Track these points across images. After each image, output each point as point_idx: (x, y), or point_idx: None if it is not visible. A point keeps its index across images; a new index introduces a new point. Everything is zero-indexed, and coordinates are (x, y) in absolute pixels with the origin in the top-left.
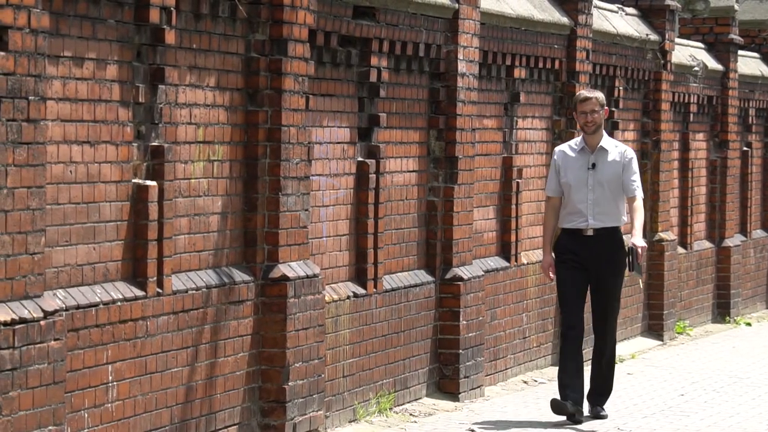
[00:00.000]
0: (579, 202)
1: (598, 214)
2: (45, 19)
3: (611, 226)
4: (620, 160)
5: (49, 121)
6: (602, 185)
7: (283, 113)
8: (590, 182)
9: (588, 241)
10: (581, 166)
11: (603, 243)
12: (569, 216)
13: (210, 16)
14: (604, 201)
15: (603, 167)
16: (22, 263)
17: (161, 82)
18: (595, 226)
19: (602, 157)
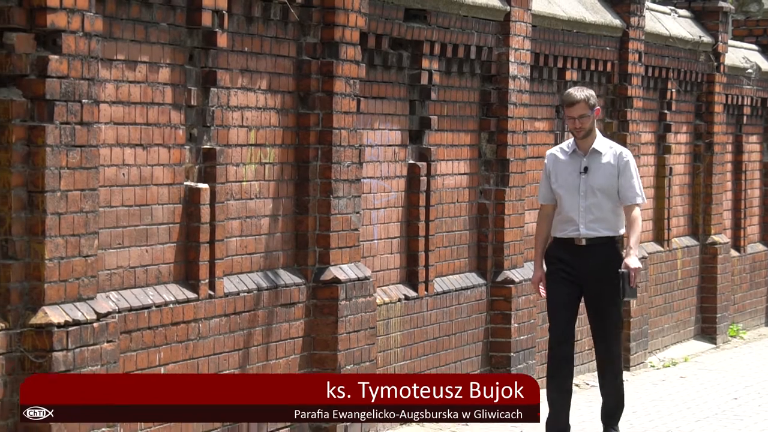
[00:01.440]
0: (570, 210)
1: (591, 222)
2: (98, 22)
3: (606, 236)
4: (615, 163)
5: (102, 124)
6: (595, 191)
7: (334, 116)
8: (582, 188)
9: (580, 252)
10: (573, 170)
11: (597, 255)
12: (561, 224)
13: (262, 19)
14: (597, 208)
15: (596, 171)
16: (76, 266)
17: (213, 85)
18: (588, 235)
19: (595, 161)
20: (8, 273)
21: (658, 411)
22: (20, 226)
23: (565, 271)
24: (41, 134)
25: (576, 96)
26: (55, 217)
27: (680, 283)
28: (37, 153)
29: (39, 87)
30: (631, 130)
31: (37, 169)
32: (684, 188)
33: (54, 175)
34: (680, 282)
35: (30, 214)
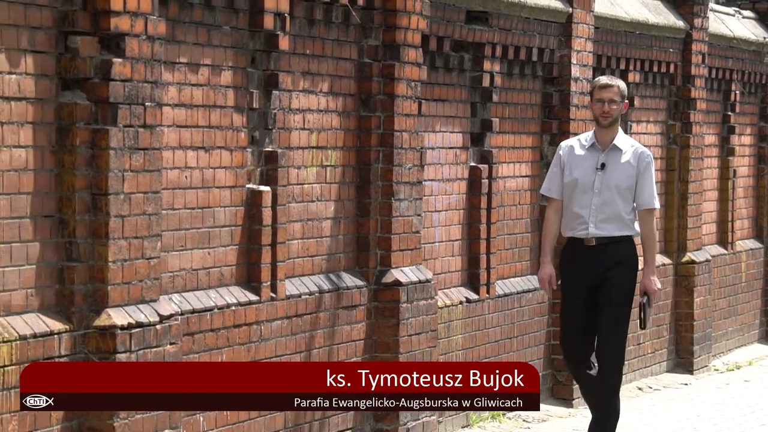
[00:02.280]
0: (581, 207)
1: (602, 222)
2: (161, 25)
3: (618, 236)
4: (635, 163)
5: (165, 127)
6: (611, 189)
7: (395, 118)
8: (597, 185)
9: (589, 253)
10: (589, 165)
11: (608, 255)
12: (570, 222)
13: (323, 22)
14: (610, 207)
15: (614, 169)
16: (139, 268)
17: (275, 88)
18: (597, 234)
19: (614, 157)
20: (72, 275)
21: (722, 415)
22: (84, 228)
23: (577, 275)
24: (105, 137)
25: (610, 80)
26: (118, 219)
27: (744, 286)
28: (101, 156)
29: (103, 90)
30: (695, 132)
31: (101, 172)
32: (748, 190)
33: (117, 177)
34: (744, 285)
35: (93, 216)
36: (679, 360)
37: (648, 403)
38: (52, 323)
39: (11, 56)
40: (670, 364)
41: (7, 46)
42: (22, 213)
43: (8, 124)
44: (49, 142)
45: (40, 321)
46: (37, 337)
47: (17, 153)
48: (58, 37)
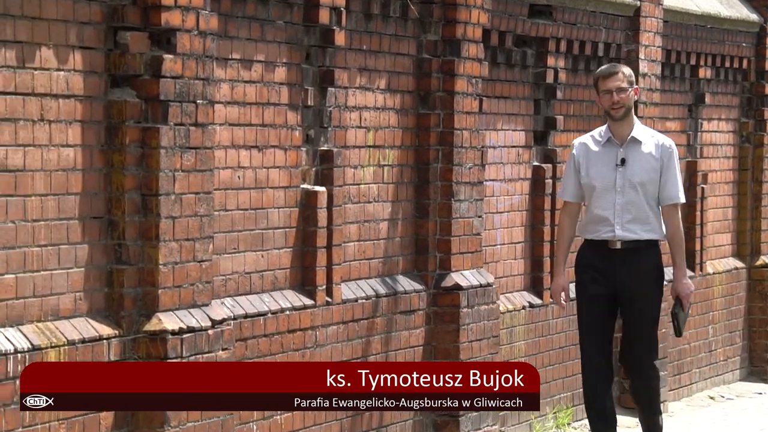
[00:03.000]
0: (604, 208)
1: (629, 223)
2: (213, 20)
3: (646, 239)
4: (658, 155)
5: (217, 125)
6: (634, 186)
7: (455, 116)
8: (619, 182)
9: (615, 257)
10: (607, 162)
11: (635, 260)
12: (592, 225)
13: (381, 17)
14: (636, 206)
15: (636, 163)
16: (190, 271)
17: (331, 85)
18: (625, 237)
19: (634, 151)
20: (122, 278)
21: None
22: (134, 230)
23: (597, 281)
24: (155, 136)
25: (613, 67)
26: (169, 220)
27: None
28: (151, 155)
29: (153, 87)
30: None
31: (151, 172)
32: None
33: (168, 177)
34: None
35: (144, 217)
36: (753, 368)
37: (720, 413)
38: (101, 328)
39: (59, 52)
40: (744, 372)
41: (55, 42)
42: (70, 214)
43: (56, 122)
44: (98, 141)
45: (88, 326)
46: (85, 342)
47: (65, 152)
48: (107, 33)
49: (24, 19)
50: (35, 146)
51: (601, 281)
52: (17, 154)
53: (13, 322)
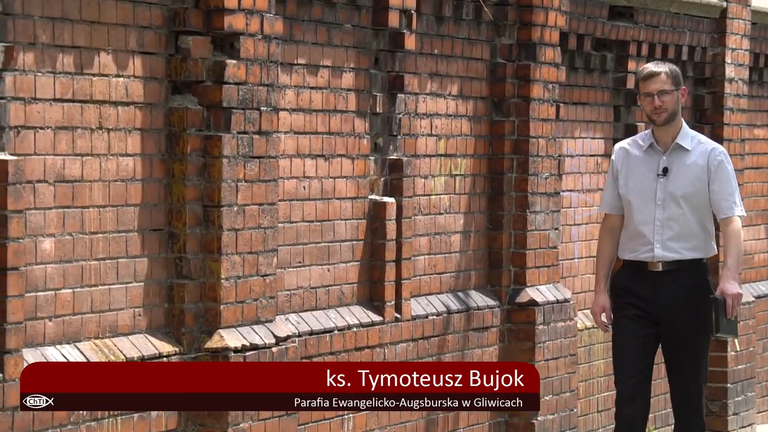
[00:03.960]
0: (643, 223)
1: (670, 241)
2: (278, 24)
3: (690, 259)
4: (705, 164)
5: (282, 134)
6: (677, 200)
7: (531, 123)
8: (660, 194)
9: (655, 280)
10: (648, 171)
11: (678, 283)
12: (629, 242)
13: (453, 19)
14: (679, 222)
15: (679, 173)
16: (253, 285)
17: (400, 91)
18: (666, 258)
19: (679, 159)
20: (182, 293)
21: None
22: (195, 243)
23: (637, 307)
24: (217, 144)
25: (655, 67)
26: (231, 233)
27: None
28: (213, 164)
29: (215, 94)
30: None
31: (213, 182)
32: None
33: (231, 188)
34: None
35: (205, 230)
36: None
37: None
38: (161, 345)
39: (119, 58)
40: None
41: (114, 47)
42: (129, 226)
43: (115, 130)
44: (158, 149)
45: (148, 342)
46: (145, 359)
47: (124, 162)
48: (168, 37)
49: (82, 24)
50: (93, 155)
51: (640, 306)
52: (75, 163)
53: (70, 339)
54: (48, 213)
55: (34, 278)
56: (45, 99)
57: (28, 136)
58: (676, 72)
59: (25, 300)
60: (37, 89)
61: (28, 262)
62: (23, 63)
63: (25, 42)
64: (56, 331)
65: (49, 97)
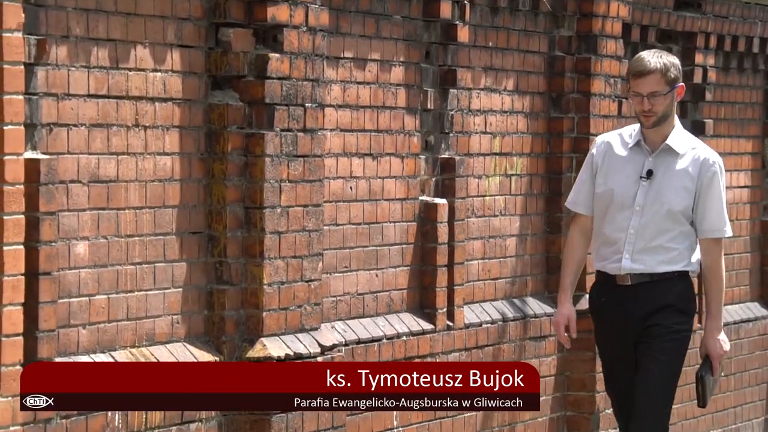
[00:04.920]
0: (616, 229)
1: (642, 253)
2: (324, 15)
3: (663, 272)
4: (696, 174)
5: (327, 131)
6: (658, 207)
7: (591, 120)
8: (640, 199)
9: (624, 296)
10: (631, 171)
11: (650, 298)
12: (601, 249)
13: (508, 10)
14: (655, 232)
15: (665, 179)
16: (298, 291)
17: (453, 86)
18: (634, 270)
19: (666, 163)
20: (223, 299)
21: None
22: (236, 246)
23: (615, 328)
24: (260, 143)
25: (648, 63)
26: (274, 236)
27: None
28: (255, 164)
29: (257, 89)
30: None
31: (255, 182)
32: None
33: (273, 188)
34: None
35: (247, 233)
36: None
37: None
38: (200, 354)
39: (156, 51)
40: None
41: (151, 40)
42: (166, 229)
43: (152, 128)
44: (197, 148)
45: (186, 351)
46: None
47: (162, 161)
48: (208, 30)
49: (118, 15)
50: (129, 154)
51: (616, 323)
52: (110, 162)
53: (105, 347)
54: (82, 215)
55: (68, 284)
56: (79, 95)
57: (61, 133)
58: (675, 68)
59: (58, 306)
60: (71, 85)
61: (61, 266)
62: (56, 57)
63: (57, 35)
64: (90, 339)
65: (83, 93)
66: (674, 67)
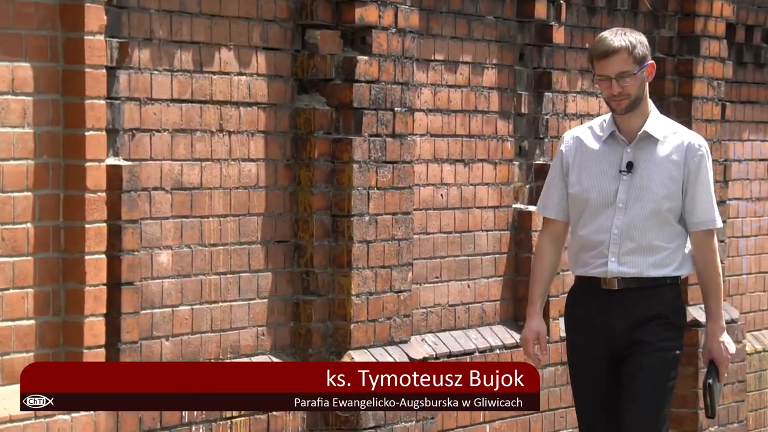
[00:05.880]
0: (598, 231)
1: (629, 254)
2: (414, 16)
3: (654, 277)
4: (681, 160)
5: (417, 136)
6: (643, 203)
7: (693, 124)
8: (622, 195)
9: (610, 302)
10: (608, 166)
11: (638, 307)
12: (580, 254)
13: (606, 10)
14: (642, 231)
15: (648, 170)
16: (387, 303)
17: (548, 89)
18: (622, 274)
19: (647, 152)
20: (309, 311)
21: None
22: (323, 256)
23: (593, 340)
24: (347, 148)
25: (612, 42)
26: (362, 245)
27: None
28: (343, 170)
29: (345, 93)
30: None
31: (343, 190)
32: None
33: (362, 196)
34: None
35: (334, 242)
36: None
37: None
38: None
39: (241, 54)
40: None
41: (236, 43)
42: (251, 238)
43: (237, 133)
44: (283, 154)
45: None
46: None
47: (247, 167)
48: (294, 32)
49: (202, 17)
50: (213, 160)
51: (597, 333)
52: (193, 169)
53: (188, 359)
54: (165, 223)
55: (150, 294)
56: (161, 99)
57: (143, 139)
58: (642, 45)
59: (141, 318)
60: (154, 89)
61: (144, 276)
62: (138, 60)
63: (140, 38)
64: (173, 351)
65: (166, 98)
66: (641, 44)
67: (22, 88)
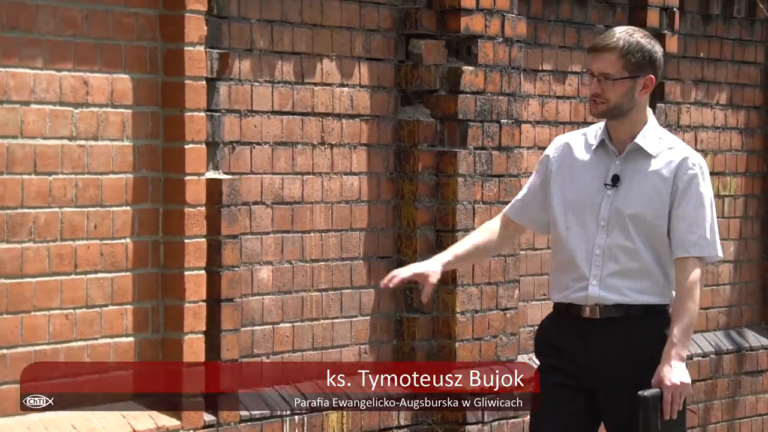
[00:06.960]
0: (578, 251)
1: (612, 277)
2: (521, 25)
3: (639, 304)
4: (670, 177)
5: (524, 149)
6: (624, 221)
7: None
8: (605, 212)
9: (589, 333)
10: (593, 178)
11: (619, 337)
12: (559, 276)
13: (721, 18)
14: (627, 253)
15: (633, 185)
16: (492, 320)
17: (660, 100)
18: (604, 300)
19: (636, 166)
20: (413, 328)
21: None
22: None
23: (565, 372)
24: (452, 161)
25: (608, 38)
26: None
27: None
28: (447, 184)
29: (450, 105)
30: None
31: (447, 204)
32: None
33: (467, 210)
34: None
35: None
36: None
37: None
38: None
39: (343, 65)
40: None
41: (338, 53)
42: (354, 253)
43: (339, 146)
44: (386, 167)
45: (372, 383)
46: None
47: (349, 181)
48: (397, 42)
49: (303, 27)
50: (315, 174)
51: (569, 370)
52: (294, 183)
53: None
54: (265, 238)
55: (250, 311)
56: (262, 111)
57: (243, 152)
58: (643, 53)
59: (241, 335)
60: (254, 100)
61: (244, 292)
62: (239, 71)
63: (241, 48)
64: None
65: (266, 110)
66: (642, 51)
67: (121, 100)
